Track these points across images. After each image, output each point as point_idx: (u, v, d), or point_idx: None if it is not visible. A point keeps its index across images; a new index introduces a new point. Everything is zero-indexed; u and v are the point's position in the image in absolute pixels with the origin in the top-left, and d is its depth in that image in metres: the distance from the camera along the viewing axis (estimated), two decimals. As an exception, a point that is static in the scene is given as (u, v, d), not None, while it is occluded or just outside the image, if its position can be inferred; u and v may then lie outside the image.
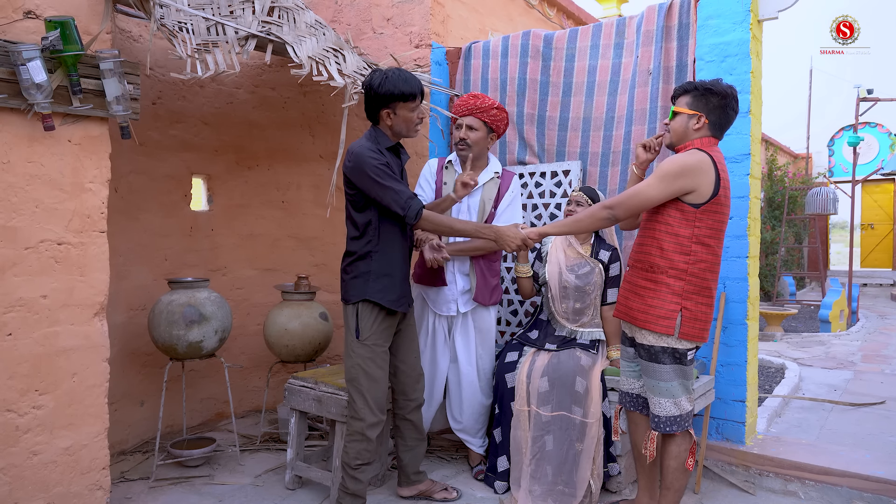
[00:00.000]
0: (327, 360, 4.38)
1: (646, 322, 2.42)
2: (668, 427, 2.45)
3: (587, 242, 3.13)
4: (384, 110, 2.60)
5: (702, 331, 2.42)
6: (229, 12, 2.93)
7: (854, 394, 4.93)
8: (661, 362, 2.42)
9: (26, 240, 2.37)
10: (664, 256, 2.40)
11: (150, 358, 3.68)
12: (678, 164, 2.35)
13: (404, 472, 2.94)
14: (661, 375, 2.43)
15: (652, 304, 2.41)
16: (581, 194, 3.09)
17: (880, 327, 8.68)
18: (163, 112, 3.82)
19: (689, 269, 2.37)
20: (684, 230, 2.37)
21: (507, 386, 3.02)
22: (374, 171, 2.50)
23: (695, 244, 2.36)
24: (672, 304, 2.38)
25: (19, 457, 2.35)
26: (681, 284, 2.38)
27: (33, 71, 2.24)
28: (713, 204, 2.35)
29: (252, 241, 4.34)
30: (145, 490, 3.06)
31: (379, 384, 2.62)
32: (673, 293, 2.38)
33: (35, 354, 2.39)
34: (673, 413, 2.44)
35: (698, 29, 3.18)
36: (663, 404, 2.45)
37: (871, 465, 2.94)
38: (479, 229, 2.68)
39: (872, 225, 14.89)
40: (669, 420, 2.44)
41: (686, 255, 2.37)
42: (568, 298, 3.09)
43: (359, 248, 2.62)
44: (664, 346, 2.41)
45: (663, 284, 2.40)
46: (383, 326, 2.64)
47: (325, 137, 4.38)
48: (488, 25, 4.77)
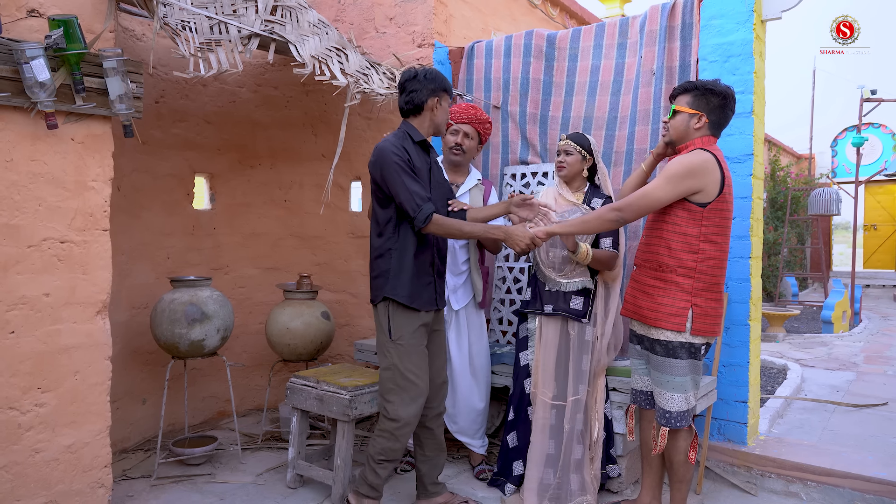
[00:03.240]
0: (329, 359, 4.38)
1: (657, 320, 2.45)
2: (678, 422, 2.47)
3: (580, 190, 3.01)
4: (433, 98, 2.60)
5: (713, 325, 2.44)
6: (232, 11, 2.93)
7: (856, 395, 4.92)
8: (678, 357, 2.44)
9: (29, 238, 2.37)
10: (672, 255, 2.42)
11: (152, 356, 3.69)
12: (685, 165, 2.37)
13: (422, 484, 2.82)
14: (675, 370, 2.45)
15: (662, 303, 2.44)
16: (569, 142, 2.96)
17: (883, 328, 8.66)
18: (165, 111, 3.83)
19: (698, 267, 2.40)
20: (692, 229, 2.39)
21: (520, 364, 3.02)
22: (393, 168, 2.48)
23: (703, 242, 2.39)
24: (682, 301, 2.40)
25: (21, 454, 2.36)
26: (690, 282, 2.40)
27: (36, 69, 2.24)
28: (719, 202, 2.38)
29: (254, 239, 4.34)
30: (147, 488, 3.06)
31: (415, 384, 2.56)
32: (683, 291, 2.41)
33: (37, 352, 2.39)
34: (683, 408, 2.47)
35: (702, 29, 3.18)
36: (675, 399, 2.46)
37: (873, 466, 2.94)
38: (488, 231, 2.65)
39: (875, 226, 14.85)
40: (680, 415, 2.47)
41: (695, 253, 2.39)
42: (555, 246, 2.95)
43: (380, 246, 2.60)
44: (682, 342, 2.43)
45: (672, 283, 2.42)
46: (413, 325, 2.58)
47: (327, 137, 4.38)
48: (491, 25, 4.77)
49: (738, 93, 3.07)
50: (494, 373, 3.37)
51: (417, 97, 2.59)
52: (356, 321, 4.41)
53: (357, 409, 2.89)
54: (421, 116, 2.63)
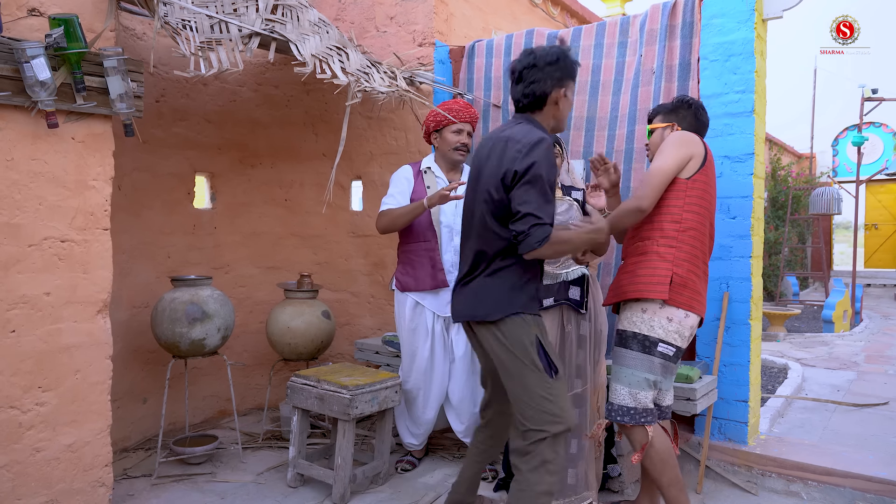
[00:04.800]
0: (329, 359, 4.38)
1: (637, 291, 2.41)
2: (620, 417, 2.45)
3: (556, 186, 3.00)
4: (559, 90, 2.18)
5: (691, 300, 2.39)
6: (233, 10, 2.93)
7: (857, 394, 4.92)
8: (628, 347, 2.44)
9: (30, 237, 2.37)
10: (654, 227, 2.46)
11: (153, 355, 3.69)
12: (678, 135, 2.49)
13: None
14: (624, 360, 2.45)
15: (641, 274, 2.44)
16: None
17: (884, 328, 8.65)
18: (166, 110, 3.83)
19: (679, 237, 2.42)
20: (676, 201, 2.45)
21: None
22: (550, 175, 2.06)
23: (685, 212, 2.43)
24: (663, 270, 2.40)
25: (22, 453, 2.36)
26: (672, 252, 2.41)
27: (37, 68, 2.24)
28: (701, 174, 2.45)
29: (255, 239, 4.34)
30: (148, 487, 3.06)
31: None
32: (663, 259, 2.42)
33: (38, 351, 2.40)
34: (628, 403, 2.44)
35: (702, 28, 3.17)
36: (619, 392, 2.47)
37: (873, 466, 2.94)
38: (592, 230, 2.20)
39: (876, 225, 14.84)
40: (622, 410, 2.45)
41: (677, 222, 2.43)
42: None
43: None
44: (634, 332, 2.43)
45: (653, 253, 2.44)
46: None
47: (327, 136, 4.38)
48: (492, 24, 4.77)
49: (739, 92, 3.08)
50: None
51: (539, 88, 2.16)
52: (357, 320, 4.41)
53: (358, 409, 2.89)
54: (543, 112, 2.21)
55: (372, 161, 4.26)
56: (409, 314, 3.20)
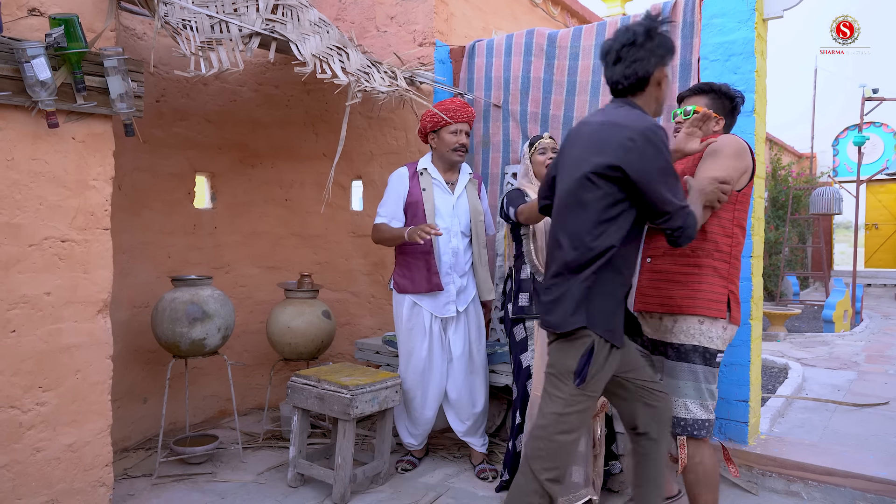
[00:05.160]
0: (330, 358, 4.38)
1: (694, 308, 2.29)
2: (698, 431, 2.31)
3: None
4: (661, 69, 1.98)
5: (737, 313, 2.35)
6: (233, 10, 2.93)
7: (857, 394, 4.91)
8: (691, 361, 2.31)
9: (30, 237, 2.37)
10: (708, 239, 2.31)
11: (153, 355, 3.69)
12: (737, 142, 2.31)
13: None
14: (689, 375, 2.31)
15: (699, 289, 2.29)
16: (553, 140, 3.02)
17: (884, 328, 8.65)
18: (166, 110, 3.83)
19: (732, 252, 2.33)
20: (726, 213, 2.32)
21: (522, 366, 2.98)
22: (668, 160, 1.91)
23: (735, 227, 2.34)
24: (720, 287, 2.30)
25: (23, 453, 2.36)
26: (726, 267, 2.32)
27: (37, 68, 2.24)
28: (748, 188, 2.35)
29: (255, 238, 4.34)
30: (148, 487, 3.06)
31: None
32: (720, 276, 2.30)
33: (39, 351, 2.40)
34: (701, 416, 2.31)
35: (703, 28, 3.17)
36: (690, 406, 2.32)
37: (874, 465, 2.94)
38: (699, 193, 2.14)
39: (877, 225, 14.84)
40: (697, 423, 2.32)
41: (729, 237, 2.33)
42: None
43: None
44: (695, 346, 2.30)
45: (709, 268, 2.30)
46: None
47: (328, 136, 4.38)
48: (492, 24, 4.77)
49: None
50: (495, 371, 3.37)
51: (642, 68, 1.95)
52: (357, 320, 4.42)
53: (358, 408, 2.89)
54: (645, 94, 2.01)
55: (372, 161, 4.26)
56: (406, 314, 3.20)
